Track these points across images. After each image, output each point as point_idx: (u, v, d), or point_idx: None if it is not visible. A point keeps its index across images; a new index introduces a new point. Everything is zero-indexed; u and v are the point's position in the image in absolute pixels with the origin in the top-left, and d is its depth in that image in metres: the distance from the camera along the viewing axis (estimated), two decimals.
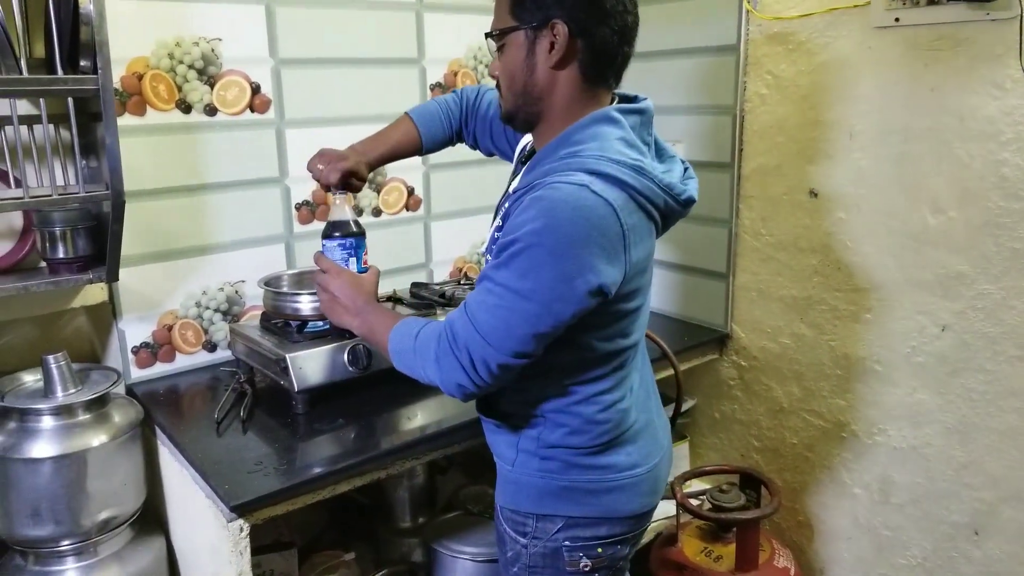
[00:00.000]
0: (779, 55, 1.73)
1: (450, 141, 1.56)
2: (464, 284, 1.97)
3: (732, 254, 1.90)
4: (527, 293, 1.05)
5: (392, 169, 2.00)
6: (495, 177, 2.19)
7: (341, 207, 1.40)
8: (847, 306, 1.70)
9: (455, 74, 2.06)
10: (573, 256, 1.04)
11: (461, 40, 2.05)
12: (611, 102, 1.20)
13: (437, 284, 1.97)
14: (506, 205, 1.20)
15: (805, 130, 1.71)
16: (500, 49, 1.19)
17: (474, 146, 1.58)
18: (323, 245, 1.39)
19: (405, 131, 1.51)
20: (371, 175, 1.82)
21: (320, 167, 1.41)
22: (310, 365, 1.52)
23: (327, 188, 1.41)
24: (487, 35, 1.21)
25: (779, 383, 1.87)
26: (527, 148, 1.35)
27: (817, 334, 1.77)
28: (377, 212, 2.00)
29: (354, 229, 1.39)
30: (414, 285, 1.93)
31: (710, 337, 1.95)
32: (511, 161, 1.47)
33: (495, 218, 1.28)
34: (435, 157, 2.03)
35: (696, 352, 1.94)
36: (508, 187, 1.33)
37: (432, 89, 2.03)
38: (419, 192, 2.06)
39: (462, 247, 2.18)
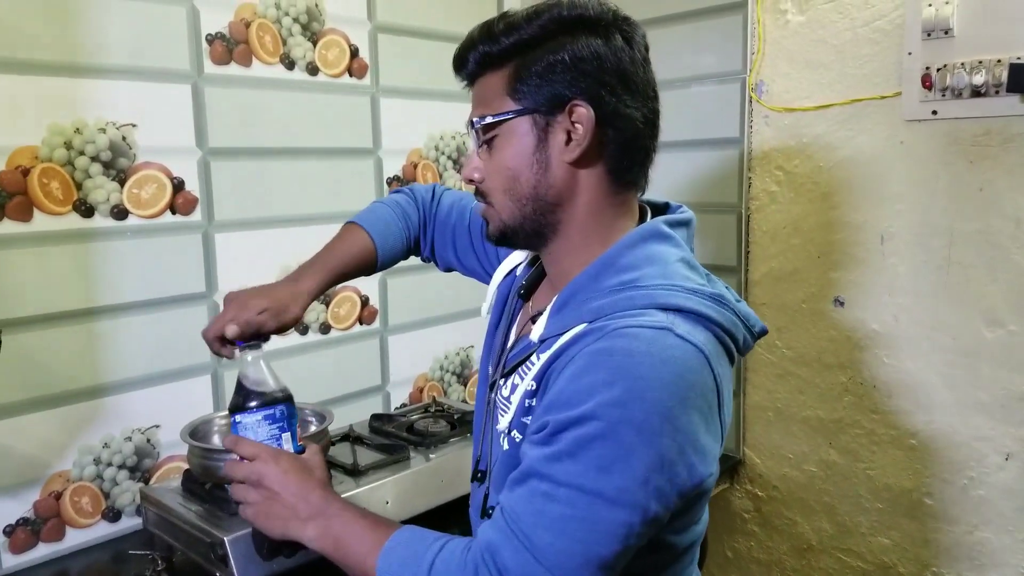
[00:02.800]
0: (791, 149, 1.55)
1: (406, 253, 1.24)
2: (435, 411, 1.65)
3: (743, 369, 1.67)
4: (614, 495, 0.73)
5: None
6: (459, 277, 1.91)
7: (256, 365, 0.99)
8: (886, 430, 1.49)
9: (415, 166, 1.78)
10: (671, 432, 0.75)
11: (421, 128, 1.78)
12: (641, 212, 0.94)
13: (402, 414, 1.64)
14: (535, 359, 0.87)
15: (826, 232, 1.53)
16: (488, 142, 0.89)
17: (429, 259, 1.27)
18: (236, 423, 0.97)
19: (354, 243, 1.17)
20: (335, 296, 1.49)
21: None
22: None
23: (222, 343, 1.02)
24: (471, 124, 0.90)
25: (805, 517, 1.63)
26: (519, 274, 1.04)
27: (851, 461, 1.55)
28: (326, 328, 1.66)
29: (281, 392, 0.98)
30: (374, 418, 1.59)
31: (720, 464, 1.69)
32: (482, 280, 1.16)
33: (503, 374, 0.95)
34: None
35: None
36: (508, 328, 1.01)
37: (389, 183, 1.74)
38: (374, 302, 1.74)
39: (424, 363, 1.87)
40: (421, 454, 1.44)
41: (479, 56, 0.89)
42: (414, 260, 1.81)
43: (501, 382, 0.94)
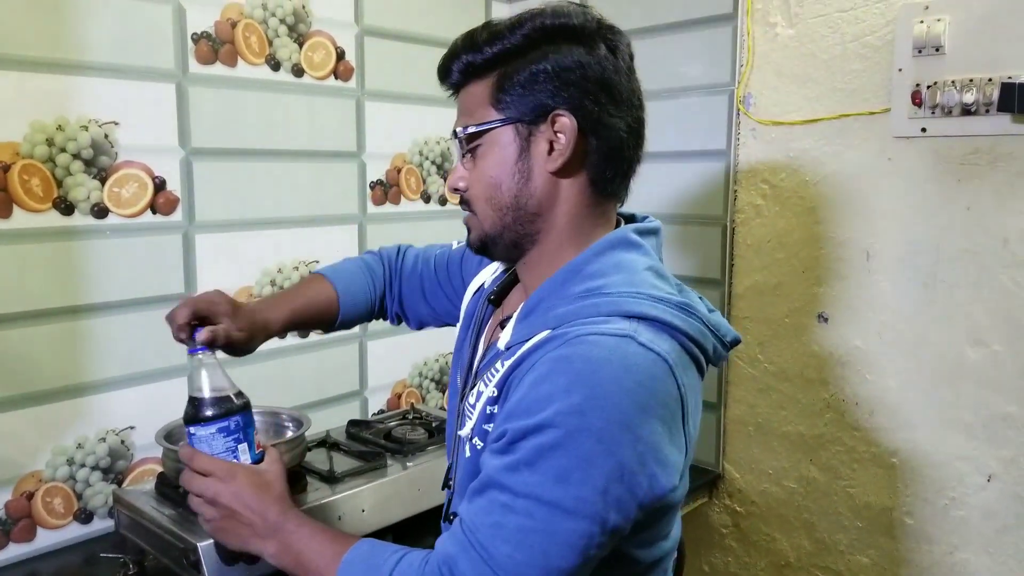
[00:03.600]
0: (778, 163, 1.54)
1: (371, 310, 1.21)
2: (413, 418, 1.64)
3: (724, 382, 1.66)
4: (572, 505, 0.72)
5: None
6: None
7: (213, 370, 0.93)
8: (868, 447, 1.48)
9: (398, 171, 1.77)
10: (631, 441, 0.74)
11: (406, 133, 1.77)
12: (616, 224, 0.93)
13: (380, 420, 1.62)
14: (498, 366, 0.86)
15: (811, 247, 1.52)
16: (472, 151, 0.89)
17: (399, 316, 1.25)
18: (191, 434, 0.93)
19: (318, 290, 1.16)
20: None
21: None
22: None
23: (180, 340, 0.99)
24: (455, 134, 0.90)
25: (784, 534, 1.62)
26: (489, 286, 1.04)
27: (831, 479, 1.54)
28: (304, 333, 1.65)
29: (236, 402, 0.93)
30: (352, 424, 1.57)
31: (699, 478, 1.68)
32: (454, 323, 1.14)
33: (470, 385, 0.94)
34: None
35: None
36: (477, 336, 1.00)
37: (372, 188, 1.72)
38: None
39: (403, 369, 1.85)
40: (398, 462, 1.43)
41: (462, 66, 0.89)
42: None
43: (470, 390, 0.93)
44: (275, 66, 1.54)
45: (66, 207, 1.31)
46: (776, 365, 1.59)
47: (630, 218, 0.96)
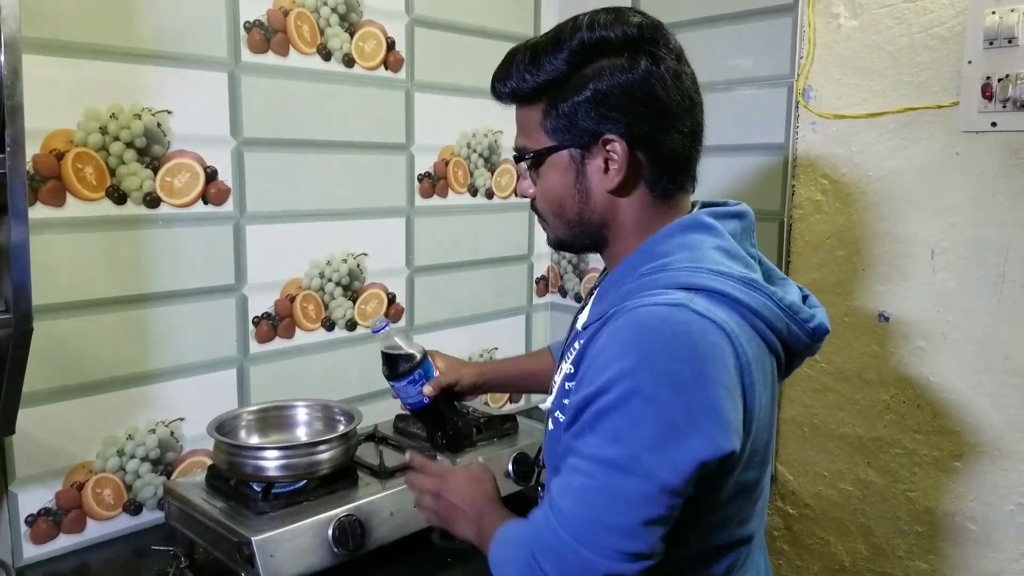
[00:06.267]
0: (838, 158, 1.50)
1: None
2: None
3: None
4: (624, 463, 0.76)
5: (372, 274, 1.65)
6: (488, 280, 1.88)
7: (392, 339, 1.21)
8: (929, 451, 1.44)
9: (446, 163, 1.75)
10: (683, 402, 0.76)
11: (454, 124, 1.75)
12: (692, 208, 0.94)
13: None
14: (576, 345, 0.90)
15: (872, 244, 1.47)
16: (535, 167, 0.92)
17: None
18: (394, 387, 1.22)
19: (540, 358, 1.34)
20: (347, 281, 1.58)
21: None
22: (285, 550, 1.13)
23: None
24: (515, 157, 0.94)
25: (839, 538, 1.58)
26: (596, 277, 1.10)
27: (890, 482, 1.49)
28: (352, 325, 1.63)
29: (419, 357, 1.21)
30: (399, 419, 1.56)
31: None
32: None
33: (561, 362, 0.96)
34: (420, 259, 1.71)
35: None
36: (574, 322, 1.02)
37: (420, 180, 1.70)
38: (401, 300, 1.71)
39: None
40: (447, 457, 1.41)
41: (509, 91, 0.92)
42: (443, 259, 1.79)
43: (566, 369, 0.96)
44: (326, 56, 1.52)
45: (119, 196, 1.30)
46: (834, 365, 1.55)
47: (721, 205, 0.95)
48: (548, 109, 0.87)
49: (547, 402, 0.97)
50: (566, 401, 0.88)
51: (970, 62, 1.33)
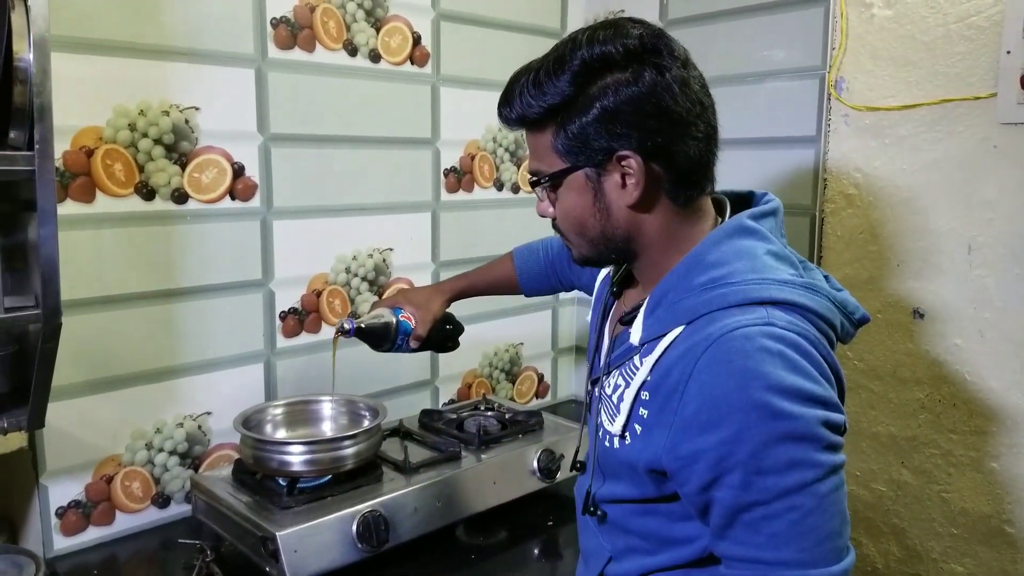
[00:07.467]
0: (872, 150, 1.47)
1: (549, 280, 1.40)
2: (485, 409, 1.61)
3: None
4: (813, 475, 0.76)
5: (398, 269, 1.65)
6: None
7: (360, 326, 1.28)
8: (966, 451, 1.40)
9: (472, 158, 1.74)
10: (813, 405, 0.76)
11: (479, 119, 1.74)
12: (715, 207, 0.93)
13: (452, 411, 1.60)
14: (637, 363, 0.87)
15: (907, 239, 1.44)
16: (552, 189, 0.91)
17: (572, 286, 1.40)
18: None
19: (503, 267, 1.42)
20: (372, 276, 1.63)
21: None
22: (309, 545, 1.13)
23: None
24: (531, 182, 0.92)
25: (872, 539, 1.55)
26: (610, 276, 1.07)
27: (925, 483, 1.46)
28: None
29: (392, 326, 1.31)
30: (424, 414, 1.56)
31: None
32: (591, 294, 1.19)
33: (603, 372, 0.95)
34: (446, 254, 1.71)
35: None
36: (602, 327, 1.01)
37: (446, 175, 1.70)
38: None
39: (473, 359, 1.83)
40: (472, 453, 1.40)
41: (516, 118, 0.89)
42: (466, 254, 1.78)
43: (604, 379, 0.95)
44: (352, 51, 1.52)
45: (147, 192, 1.31)
46: (866, 363, 1.52)
47: (747, 197, 0.95)
48: (558, 132, 0.86)
49: (614, 425, 0.89)
50: (638, 426, 0.86)
51: (1009, 52, 1.29)
